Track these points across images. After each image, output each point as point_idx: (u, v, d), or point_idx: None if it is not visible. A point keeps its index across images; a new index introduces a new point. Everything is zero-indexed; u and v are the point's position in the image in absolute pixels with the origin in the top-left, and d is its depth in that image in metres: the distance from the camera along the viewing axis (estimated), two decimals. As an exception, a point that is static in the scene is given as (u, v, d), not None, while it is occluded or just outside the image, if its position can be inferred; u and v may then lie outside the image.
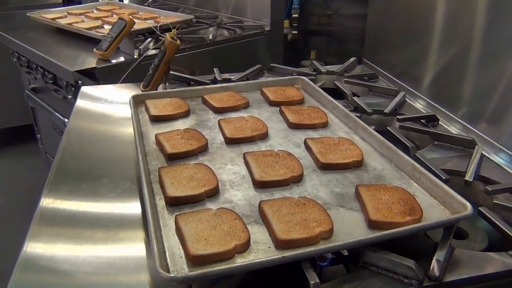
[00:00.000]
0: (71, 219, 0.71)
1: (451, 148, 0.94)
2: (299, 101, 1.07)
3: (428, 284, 0.59)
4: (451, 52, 1.08)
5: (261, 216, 0.67)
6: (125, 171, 0.84)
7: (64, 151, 0.91)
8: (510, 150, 0.89)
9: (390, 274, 0.60)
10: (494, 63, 0.94)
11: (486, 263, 0.63)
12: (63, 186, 0.80)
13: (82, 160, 0.89)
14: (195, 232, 0.62)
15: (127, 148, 0.93)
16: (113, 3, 2.21)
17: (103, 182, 0.81)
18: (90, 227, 0.70)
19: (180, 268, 0.57)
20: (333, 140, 0.87)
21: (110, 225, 0.71)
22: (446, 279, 0.59)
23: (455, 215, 0.65)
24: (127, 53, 1.54)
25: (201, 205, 0.70)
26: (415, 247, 0.65)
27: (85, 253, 0.64)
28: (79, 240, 0.67)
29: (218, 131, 0.94)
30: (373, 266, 0.61)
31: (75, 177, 0.82)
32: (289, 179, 0.75)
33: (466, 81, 1.03)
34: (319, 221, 0.64)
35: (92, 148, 0.94)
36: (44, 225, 0.70)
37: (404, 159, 0.79)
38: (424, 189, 0.73)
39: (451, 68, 1.08)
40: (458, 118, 1.03)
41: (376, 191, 0.71)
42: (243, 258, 0.59)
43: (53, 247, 0.65)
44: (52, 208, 0.74)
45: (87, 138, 0.98)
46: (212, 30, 1.81)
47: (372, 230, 0.64)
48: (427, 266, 0.60)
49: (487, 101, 0.97)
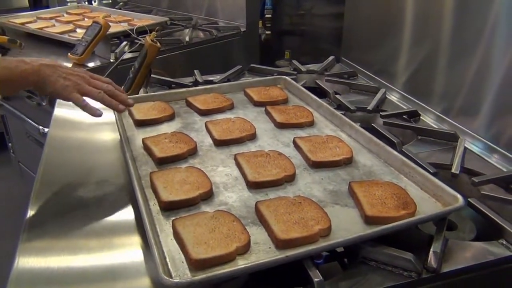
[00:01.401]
0: (61, 229, 0.69)
1: (434, 142, 0.96)
2: (283, 101, 1.08)
3: (426, 275, 0.60)
4: (425, 48, 1.11)
5: (258, 217, 0.67)
6: (113, 177, 0.83)
7: (47, 161, 0.88)
8: (490, 141, 0.92)
9: (389, 268, 0.61)
10: (465, 58, 0.97)
11: (479, 252, 0.65)
12: (50, 196, 0.77)
13: (67, 169, 0.87)
14: (194, 236, 0.61)
15: (112, 154, 0.91)
16: (84, 7, 2.16)
17: (91, 190, 0.79)
18: (83, 236, 0.68)
19: (182, 273, 0.57)
20: (321, 139, 0.88)
21: (104, 232, 0.69)
22: (443, 269, 0.61)
23: (448, 207, 0.66)
24: (103, 57, 1.51)
25: (196, 209, 0.69)
26: (408, 240, 0.66)
27: (80, 263, 0.63)
28: (73, 250, 0.65)
29: (205, 133, 0.93)
30: (372, 260, 0.62)
31: (62, 187, 0.80)
32: (282, 179, 0.76)
33: (442, 76, 1.06)
34: (317, 219, 0.65)
35: (76, 156, 0.91)
36: (33, 238, 0.67)
37: (393, 154, 0.81)
38: (415, 183, 0.75)
39: (426, 64, 1.11)
40: (439, 112, 1.06)
41: (369, 187, 0.72)
42: (245, 259, 0.59)
43: (47, 260, 0.63)
44: (40, 220, 0.72)
45: (70, 146, 0.96)
46: (188, 32, 1.79)
47: (369, 225, 0.65)
48: (423, 258, 0.62)
49: (463, 94, 1.00)
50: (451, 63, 1.03)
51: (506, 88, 0.89)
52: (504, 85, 0.89)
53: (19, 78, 0.75)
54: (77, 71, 0.83)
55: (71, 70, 0.82)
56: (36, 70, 0.77)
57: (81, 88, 0.80)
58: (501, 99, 0.90)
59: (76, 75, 0.81)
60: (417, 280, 0.59)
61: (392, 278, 0.60)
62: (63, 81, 0.79)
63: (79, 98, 0.80)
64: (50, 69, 0.78)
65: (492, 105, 0.92)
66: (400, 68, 1.20)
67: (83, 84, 0.81)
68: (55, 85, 0.78)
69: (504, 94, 0.89)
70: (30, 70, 0.76)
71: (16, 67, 0.75)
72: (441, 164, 0.86)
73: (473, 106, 0.97)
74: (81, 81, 0.81)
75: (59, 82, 0.78)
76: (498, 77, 0.90)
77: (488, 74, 0.93)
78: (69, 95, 0.79)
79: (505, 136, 0.89)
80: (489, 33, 0.91)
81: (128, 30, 1.58)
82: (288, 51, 2.42)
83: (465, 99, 0.99)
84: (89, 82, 0.82)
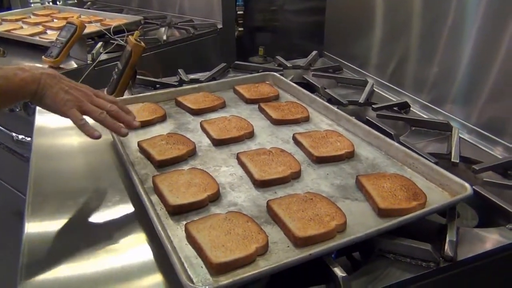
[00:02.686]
0: (65, 239, 0.66)
1: (427, 133, 0.98)
2: (275, 97, 1.07)
3: (444, 265, 0.61)
4: (409, 39, 1.13)
5: (271, 216, 0.66)
6: (111, 183, 0.79)
7: (36, 171, 0.83)
8: (481, 129, 0.94)
9: (407, 260, 0.61)
10: (450, 47, 0.99)
11: (490, 238, 0.66)
12: (46, 205, 0.74)
13: (58, 177, 0.83)
14: (210, 239, 0.60)
15: (103, 159, 0.88)
16: (50, 7, 2.08)
17: (89, 197, 0.76)
18: (89, 244, 0.65)
19: (203, 278, 0.55)
20: (320, 134, 0.88)
21: (110, 240, 0.66)
22: (459, 257, 0.61)
23: (457, 196, 0.67)
24: (79, 59, 1.45)
25: (206, 211, 0.68)
26: (417, 231, 0.67)
27: (89, 270, 0.60)
28: (79, 259, 0.62)
29: (201, 133, 0.91)
30: (390, 253, 0.62)
31: (57, 195, 0.76)
32: (289, 176, 0.75)
33: (428, 66, 1.08)
34: (331, 214, 0.64)
35: (66, 164, 0.87)
36: (36, 251, 0.64)
37: (395, 146, 0.81)
38: (419, 173, 0.76)
39: (410, 54, 1.13)
40: (427, 102, 1.08)
41: (377, 180, 0.72)
42: (266, 260, 0.58)
43: (54, 271, 0.60)
44: (40, 231, 0.68)
45: (58, 154, 0.91)
46: (163, 30, 1.75)
47: (382, 218, 0.65)
48: (437, 247, 0.62)
49: (451, 83, 1.02)
50: (436, 52, 1.05)
51: (494, 75, 0.91)
52: (492, 72, 0.91)
53: (17, 87, 0.70)
54: (80, 86, 0.77)
55: (74, 84, 0.76)
56: (37, 79, 0.71)
57: (82, 106, 0.74)
58: (490, 86, 0.92)
59: (79, 91, 0.75)
60: (436, 270, 0.60)
61: (411, 269, 0.60)
62: (64, 94, 0.73)
63: (78, 116, 0.73)
64: (52, 79, 0.73)
65: (481, 92, 0.94)
66: (385, 60, 1.22)
67: (85, 102, 0.75)
68: (55, 98, 0.72)
69: (493, 81, 0.91)
70: (30, 78, 0.70)
71: (14, 75, 0.70)
72: (438, 154, 0.87)
73: (463, 95, 0.99)
74: (84, 98, 0.75)
75: (60, 95, 0.72)
76: (485, 65, 0.92)
77: (475, 62, 0.95)
78: (67, 111, 0.73)
79: (496, 123, 0.91)
80: (472, 23, 0.94)
81: (103, 30, 1.53)
82: (262, 48, 2.41)
83: (454, 87, 1.01)
84: (92, 101, 0.76)
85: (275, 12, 2.33)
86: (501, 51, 0.89)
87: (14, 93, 0.70)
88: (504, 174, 0.82)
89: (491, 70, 0.91)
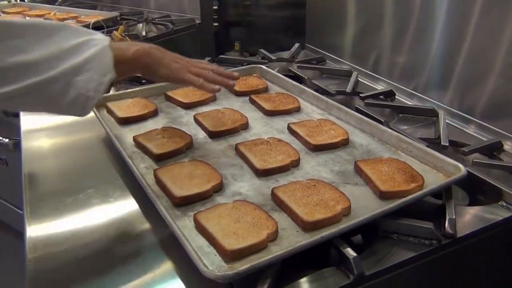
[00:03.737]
0: (70, 237, 0.65)
1: (414, 119, 1.01)
2: (264, 89, 1.08)
3: (445, 242, 0.63)
4: (390, 28, 1.16)
5: (277, 203, 0.67)
6: (108, 178, 0.79)
7: (30, 172, 0.81)
8: (465, 113, 0.98)
9: (411, 239, 0.64)
10: (432, 34, 1.03)
11: (485, 215, 0.69)
12: (44, 204, 0.72)
13: (54, 176, 0.82)
14: (221, 228, 0.60)
15: (97, 155, 0.87)
16: (20, 5, 2.02)
17: (89, 194, 0.75)
18: (96, 241, 0.64)
19: (218, 265, 0.56)
20: (314, 123, 0.89)
21: (116, 235, 0.66)
22: (459, 234, 0.64)
23: (453, 176, 0.70)
24: (58, 57, 1.42)
25: (211, 201, 0.68)
26: (414, 212, 0.70)
27: (103, 266, 0.60)
28: (89, 255, 0.62)
29: (195, 126, 0.91)
30: (394, 233, 0.64)
31: (55, 194, 0.75)
32: (289, 164, 0.76)
33: (409, 54, 1.11)
34: (336, 199, 0.66)
35: (59, 162, 0.86)
36: (42, 254, 0.63)
37: (388, 132, 0.84)
38: (413, 157, 0.79)
39: (392, 43, 1.16)
40: (411, 90, 1.11)
41: (375, 165, 0.75)
42: (277, 245, 0.59)
43: (64, 273, 0.59)
44: (43, 233, 0.67)
45: (49, 153, 0.90)
46: (142, 26, 1.74)
47: (384, 200, 0.68)
48: (437, 226, 0.65)
49: (432, 70, 1.05)
50: (416, 40, 1.09)
51: (474, 61, 0.95)
52: (471, 58, 0.95)
53: (132, 59, 0.72)
54: (181, 56, 0.82)
55: (175, 54, 0.81)
56: (148, 52, 0.74)
57: (192, 70, 0.79)
58: (470, 71, 0.96)
59: (182, 59, 0.81)
60: (438, 247, 0.63)
61: (415, 248, 0.63)
62: (175, 64, 0.78)
63: (194, 78, 0.78)
64: (160, 52, 0.77)
65: (462, 78, 0.98)
66: (367, 50, 1.25)
67: (192, 67, 0.80)
68: (169, 68, 0.77)
69: (472, 67, 0.95)
70: (142, 51, 0.73)
71: (127, 48, 0.72)
72: (427, 139, 0.90)
73: (445, 81, 1.03)
74: (189, 64, 0.80)
75: (172, 65, 0.77)
76: (464, 50, 0.96)
77: (454, 48, 0.98)
78: (184, 76, 0.78)
79: (478, 107, 0.95)
80: (444, 10, 0.97)
81: (80, 26, 1.50)
82: (238, 42, 2.42)
83: (436, 74, 1.05)
84: (196, 65, 0.81)
85: (249, 7, 2.34)
86: (474, 36, 0.92)
87: (128, 64, 0.72)
88: (490, 155, 0.86)
89: (469, 55, 0.95)
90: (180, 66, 0.78)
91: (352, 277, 0.57)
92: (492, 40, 0.90)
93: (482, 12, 0.91)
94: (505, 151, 0.87)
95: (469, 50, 0.95)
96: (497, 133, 0.90)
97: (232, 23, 2.45)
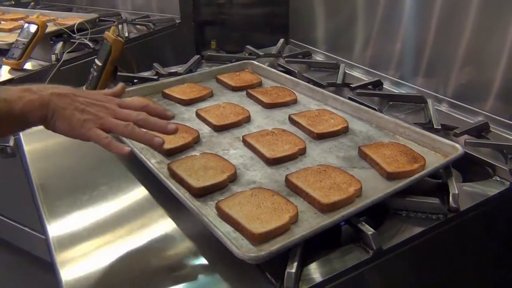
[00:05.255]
0: (93, 233, 0.67)
1: (403, 106, 1.06)
2: (258, 84, 1.12)
3: (450, 215, 0.69)
4: (373, 18, 1.21)
5: (291, 189, 0.71)
6: (119, 174, 0.81)
7: (38, 173, 0.82)
8: (451, 98, 1.04)
9: (419, 215, 0.69)
10: (416, 23, 1.09)
11: (484, 189, 0.75)
12: (60, 204, 0.73)
13: (64, 175, 0.83)
14: (244, 214, 0.63)
15: (102, 152, 0.86)
16: (-9, 9, 1.98)
17: (103, 191, 0.77)
18: (120, 236, 0.66)
19: (246, 248, 0.59)
20: (313, 113, 0.93)
21: (139, 227, 0.68)
22: (462, 208, 0.70)
23: (451, 155, 0.76)
24: (42, 59, 1.41)
25: (229, 190, 0.71)
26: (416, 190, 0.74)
27: (131, 257, 0.62)
28: (116, 248, 0.63)
29: (198, 122, 0.94)
30: (403, 210, 0.69)
31: (69, 192, 0.76)
32: (297, 152, 0.80)
33: (392, 44, 1.17)
34: (347, 182, 0.70)
35: (67, 161, 0.87)
36: (68, 250, 0.64)
37: (385, 118, 0.89)
38: (411, 140, 0.84)
39: (375, 33, 1.21)
40: (397, 78, 1.17)
41: (377, 149, 0.79)
42: (299, 227, 0.63)
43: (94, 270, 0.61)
44: (66, 231, 0.68)
45: (54, 153, 0.90)
46: (121, 28, 1.73)
47: (391, 181, 0.72)
48: (441, 201, 0.70)
49: (416, 59, 1.11)
50: (399, 29, 1.14)
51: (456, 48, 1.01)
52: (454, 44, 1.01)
53: (21, 113, 0.60)
54: (100, 100, 0.66)
55: (92, 98, 0.66)
56: (46, 102, 0.61)
57: (104, 123, 0.64)
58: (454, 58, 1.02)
59: (98, 106, 0.65)
60: (445, 221, 0.68)
61: (424, 223, 0.67)
62: (80, 114, 0.63)
63: (100, 134, 0.63)
64: (63, 99, 0.63)
65: (446, 64, 1.04)
66: (351, 41, 1.30)
67: (106, 117, 0.64)
68: (70, 121, 0.62)
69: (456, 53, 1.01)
70: (37, 102, 0.61)
71: (19, 99, 0.60)
72: (419, 124, 0.96)
73: (429, 68, 1.09)
74: (104, 113, 0.64)
75: (75, 117, 0.62)
76: (448, 37, 1.02)
77: (437, 36, 1.04)
78: (87, 132, 0.62)
79: (463, 92, 1.02)
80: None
81: (64, 29, 1.49)
82: (214, 41, 2.44)
83: (420, 62, 1.11)
84: (115, 114, 0.65)
85: (223, 6, 2.36)
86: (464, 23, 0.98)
87: (17, 119, 0.61)
88: (478, 136, 0.92)
89: (455, 44, 1.01)
90: (86, 118, 0.63)
91: (371, 252, 0.61)
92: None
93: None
94: (491, 131, 0.93)
95: (455, 38, 1.01)
96: (479, 114, 0.97)
97: (207, 22, 2.47)
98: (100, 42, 1.27)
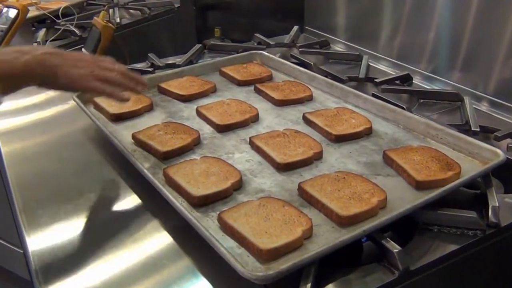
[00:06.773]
0: (77, 246, 0.68)
1: (436, 104, 1.06)
2: (268, 77, 1.12)
3: (490, 231, 0.68)
4: (403, 3, 1.21)
5: (305, 198, 0.71)
6: (106, 179, 0.83)
7: (16, 178, 0.83)
8: (492, 96, 1.04)
9: (453, 230, 0.68)
10: (453, 9, 1.08)
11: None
12: (42, 213, 0.74)
13: (45, 180, 0.84)
14: (251, 227, 0.64)
15: (87, 154, 0.91)
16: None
17: (90, 199, 0.78)
18: (111, 247, 0.67)
19: (253, 266, 0.59)
20: (331, 111, 0.94)
21: (128, 239, 0.69)
22: (503, 223, 0.69)
23: (491, 162, 0.75)
24: (23, 49, 1.43)
25: (233, 200, 0.72)
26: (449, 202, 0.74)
27: (117, 270, 0.62)
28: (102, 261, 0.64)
29: (199, 120, 0.95)
30: (435, 225, 0.69)
31: (51, 200, 0.77)
32: (312, 157, 0.80)
33: (425, 33, 1.16)
34: (370, 191, 0.70)
35: (48, 164, 0.88)
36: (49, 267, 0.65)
37: (414, 118, 0.89)
38: (445, 144, 0.84)
39: (405, 21, 1.21)
40: (429, 73, 1.17)
41: (405, 154, 0.79)
42: (313, 243, 0.63)
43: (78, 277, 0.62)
44: (47, 245, 0.69)
45: (34, 155, 0.92)
46: (112, 12, 1.75)
47: (420, 191, 0.72)
48: (479, 215, 0.70)
49: (453, 50, 1.11)
50: (433, 17, 1.14)
51: (501, 40, 1.01)
52: (498, 36, 1.00)
53: (22, 72, 0.71)
54: (82, 56, 0.80)
55: (76, 55, 0.80)
56: (41, 60, 0.73)
57: (97, 75, 0.78)
58: (497, 51, 1.02)
59: (85, 61, 0.79)
60: (483, 237, 0.68)
61: (459, 239, 0.67)
62: (76, 69, 0.76)
63: (100, 86, 0.78)
64: (56, 58, 0.75)
65: (487, 58, 1.04)
66: (377, 30, 1.30)
67: (97, 70, 0.78)
68: (69, 76, 0.75)
69: (500, 46, 1.01)
70: (33, 61, 0.72)
71: (16, 59, 0.71)
72: (454, 125, 0.96)
73: (467, 62, 1.08)
74: (94, 67, 0.78)
75: (72, 72, 0.76)
76: (490, 28, 1.02)
77: (478, 26, 1.04)
78: (90, 84, 0.77)
79: (506, 89, 1.01)
80: None
81: (47, 14, 1.51)
82: (218, 28, 2.45)
83: (457, 55, 1.11)
84: (99, 65, 0.80)
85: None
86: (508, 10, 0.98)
87: (18, 78, 0.72)
88: (523, 140, 0.92)
89: (497, 34, 1.01)
90: (82, 72, 0.77)
91: (397, 273, 0.61)
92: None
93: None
94: (539, 135, 0.93)
95: (497, 29, 1.00)
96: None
97: (210, 7, 2.48)
98: (88, 29, 1.29)
